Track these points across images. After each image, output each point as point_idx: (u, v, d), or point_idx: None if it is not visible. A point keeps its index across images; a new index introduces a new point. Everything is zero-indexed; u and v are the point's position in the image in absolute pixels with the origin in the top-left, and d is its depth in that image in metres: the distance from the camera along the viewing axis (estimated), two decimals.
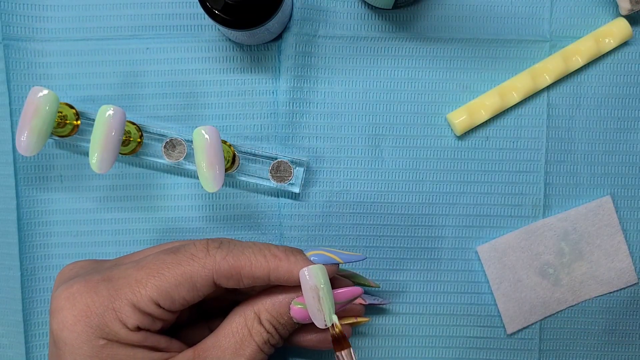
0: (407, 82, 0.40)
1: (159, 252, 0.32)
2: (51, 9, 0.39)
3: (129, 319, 0.30)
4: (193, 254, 0.31)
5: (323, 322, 0.31)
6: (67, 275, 0.33)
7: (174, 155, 0.38)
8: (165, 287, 0.30)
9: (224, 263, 0.31)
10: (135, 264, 0.31)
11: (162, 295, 0.30)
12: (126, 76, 0.39)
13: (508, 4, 0.39)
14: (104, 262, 0.34)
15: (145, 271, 0.30)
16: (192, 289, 0.31)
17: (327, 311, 0.31)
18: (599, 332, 0.41)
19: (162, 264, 0.31)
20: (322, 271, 0.31)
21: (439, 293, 0.40)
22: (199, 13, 0.39)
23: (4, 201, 0.39)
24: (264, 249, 0.32)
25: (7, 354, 0.40)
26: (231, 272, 0.31)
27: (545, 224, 0.40)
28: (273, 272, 0.31)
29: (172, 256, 0.31)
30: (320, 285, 0.30)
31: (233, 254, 0.31)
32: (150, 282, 0.30)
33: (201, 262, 0.31)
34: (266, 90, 0.39)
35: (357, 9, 0.39)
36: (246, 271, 0.31)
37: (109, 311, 0.30)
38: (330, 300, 0.31)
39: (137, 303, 0.30)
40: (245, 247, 0.32)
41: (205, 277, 0.30)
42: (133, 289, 0.30)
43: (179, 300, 0.31)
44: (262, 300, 0.32)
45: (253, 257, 0.31)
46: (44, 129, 0.33)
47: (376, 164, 0.40)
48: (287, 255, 0.32)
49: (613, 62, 0.40)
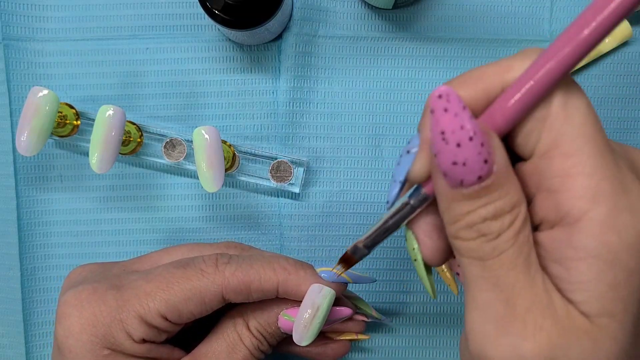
0: (407, 82, 0.40)
1: (168, 265, 0.32)
2: (51, 9, 0.39)
3: (135, 331, 0.30)
4: (202, 269, 0.31)
5: (300, 339, 0.31)
6: (75, 280, 0.33)
7: (174, 155, 0.38)
8: (173, 301, 0.30)
9: (233, 279, 0.31)
10: (145, 275, 0.31)
11: (170, 309, 0.30)
12: (126, 76, 0.39)
13: (508, 4, 0.39)
14: (112, 267, 0.34)
15: (154, 284, 0.30)
16: (200, 303, 0.31)
17: (310, 333, 0.31)
18: None
19: (171, 278, 0.31)
20: (331, 296, 0.31)
21: (439, 292, 0.40)
22: (199, 13, 0.39)
23: (4, 201, 0.39)
24: (274, 261, 0.32)
25: (7, 354, 0.40)
26: (240, 288, 0.31)
27: None
28: (282, 286, 0.31)
29: (182, 270, 0.31)
30: (322, 307, 0.31)
31: (242, 269, 0.31)
32: (159, 295, 0.30)
33: (210, 277, 0.31)
34: (266, 90, 0.39)
35: (357, 9, 0.39)
36: (255, 286, 0.31)
37: (115, 322, 0.30)
38: (320, 325, 0.31)
39: (144, 316, 0.30)
40: (254, 261, 0.32)
41: (215, 292, 0.31)
42: (141, 302, 0.30)
43: (187, 315, 0.31)
44: (252, 307, 0.33)
45: (262, 271, 0.31)
46: (44, 129, 0.33)
47: (376, 164, 0.40)
48: (296, 269, 0.32)
49: (613, 62, 0.40)
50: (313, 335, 0.31)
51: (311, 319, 0.31)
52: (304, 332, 0.31)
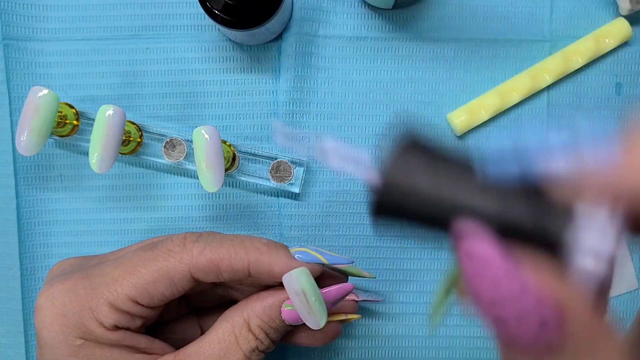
0: (407, 82, 0.40)
1: (137, 249, 0.31)
2: (51, 9, 0.39)
3: (106, 318, 0.29)
4: (169, 248, 0.30)
5: (317, 324, 0.30)
6: (54, 273, 0.33)
7: (174, 155, 0.38)
8: (141, 284, 0.30)
9: (201, 257, 0.30)
10: (114, 261, 0.31)
11: (140, 292, 0.30)
12: (126, 76, 0.39)
13: (508, 4, 0.39)
14: (90, 259, 0.33)
15: (122, 269, 0.30)
16: (170, 284, 0.30)
17: (318, 312, 0.30)
18: None
19: (138, 261, 0.30)
20: (304, 274, 0.30)
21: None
22: (199, 13, 0.39)
23: (4, 201, 0.39)
24: (246, 241, 0.31)
25: (7, 354, 0.40)
26: (209, 266, 0.30)
27: None
28: (253, 266, 0.30)
29: (149, 252, 0.30)
30: (305, 288, 0.30)
31: (211, 247, 0.30)
32: (126, 279, 0.30)
33: (178, 256, 0.30)
34: (266, 90, 0.39)
35: (357, 9, 0.39)
36: (225, 264, 0.30)
37: (85, 310, 0.29)
38: (320, 301, 0.30)
39: (113, 301, 0.29)
40: (225, 240, 0.31)
41: (182, 271, 0.30)
42: (109, 288, 0.30)
43: (158, 297, 0.30)
44: (252, 305, 0.31)
45: (232, 250, 0.30)
46: (44, 128, 0.33)
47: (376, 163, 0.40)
48: (269, 248, 0.31)
49: (613, 62, 0.40)
50: (322, 313, 0.30)
51: (306, 302, 0.30)
52: (311, 317, 0.30)
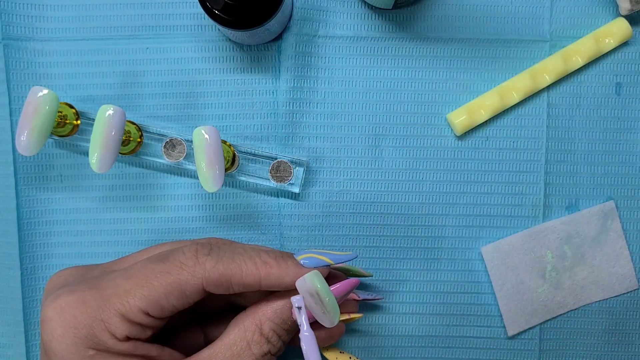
0: (407, 82, 0.40)
1: (147, 260, 0.31)
2: (51, 9, 0.39)
3: (118, 330, 0.30)
4: (182, 262, 0.31)
5: (332, 322, 0.31)
6: (56, 284, 0.33)
7: (174, 155, 0.38)
8: (154, 296, 0.30)
9: (214, 271, 0.30)
10: (124, 272, 0.31)
11: (152, 305, 0.30)
12: (126, 76, 0.39)
13: (508, 4, 0.39)
14: (92, 269, 0.34)
15: (133, 281, 0.30)
16: (181, 297, 0.30)
17: (332, 311, 0.31)
18: (599, 332, 0.41)
19: (150, 274, 0.30)
20: (317, 276, 0.30)
21: (439, 293, 0.40)
22: (199, 13, 0.39)
23: (4, 201, 0.39)
24: (255, 256, 0.32)
25: (7, 354, 0.40)
26: (221, 281, 0.31)
27: (548, 227, 0.40)
28: (264, 280, 0.31)
29: (161, 265, 0.31)
30: (318, 289, 0.30)
31: (223, 262, 0.31)
32: (139, 292, 0.30)
33: (190, 270, 0.30)
34: (266, 90, 0.39)
35: (357, 9, 0.39)
36: (236, 279, 0.31)
37: (97, 322, 0.30)
38: (333, 300, 0.31)
39: (125, 313, 0.30)
40: (235, 254, 0.31)
41: (195, 285, 0.30)
42: (122, 299, 0.30)
43: (169, 308, 0.30)
44: (263, 309, 0.32)
45: (244, 265, 0.31)
46: (44, 128, 0.33)
47: (376, 164, 0.40)
48: (277, 262, 0.31)
49: (613, 62, 0.40)
50: (335, 311, 0.31)
51: (320, 303, 0.30)
52: (326, 316, 0.31)
